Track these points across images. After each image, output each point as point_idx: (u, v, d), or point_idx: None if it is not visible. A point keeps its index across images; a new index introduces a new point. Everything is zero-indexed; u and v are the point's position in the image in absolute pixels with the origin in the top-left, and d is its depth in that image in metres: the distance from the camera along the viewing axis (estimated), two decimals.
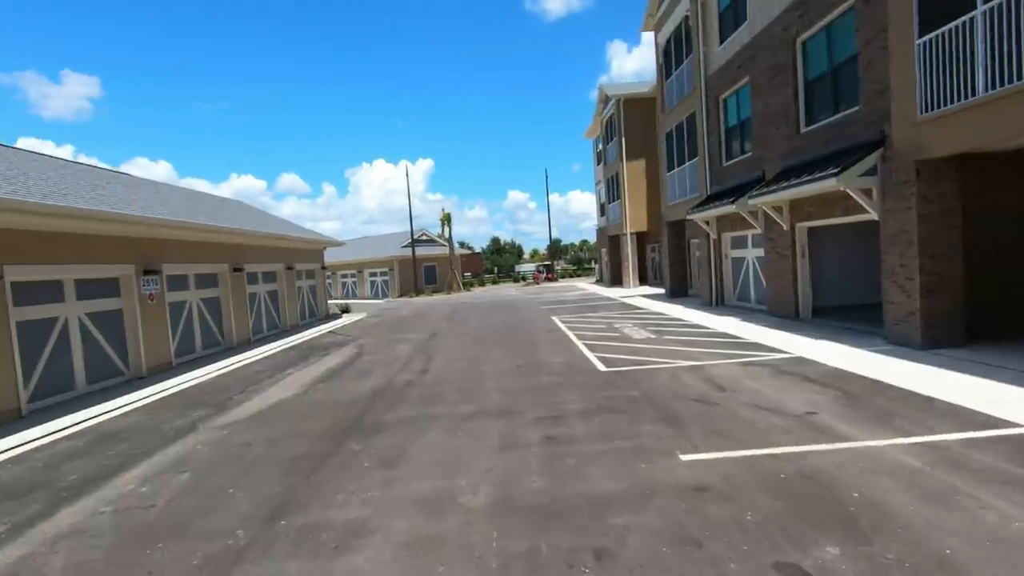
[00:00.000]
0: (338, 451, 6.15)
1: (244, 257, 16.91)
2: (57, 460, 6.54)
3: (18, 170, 10.74)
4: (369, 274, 44.89)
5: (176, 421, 7.98)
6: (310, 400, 8.75)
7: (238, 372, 11.96)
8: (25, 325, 9.12)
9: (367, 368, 11.27)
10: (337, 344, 15.49)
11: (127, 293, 11.67)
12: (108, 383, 10.97)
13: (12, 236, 8.83)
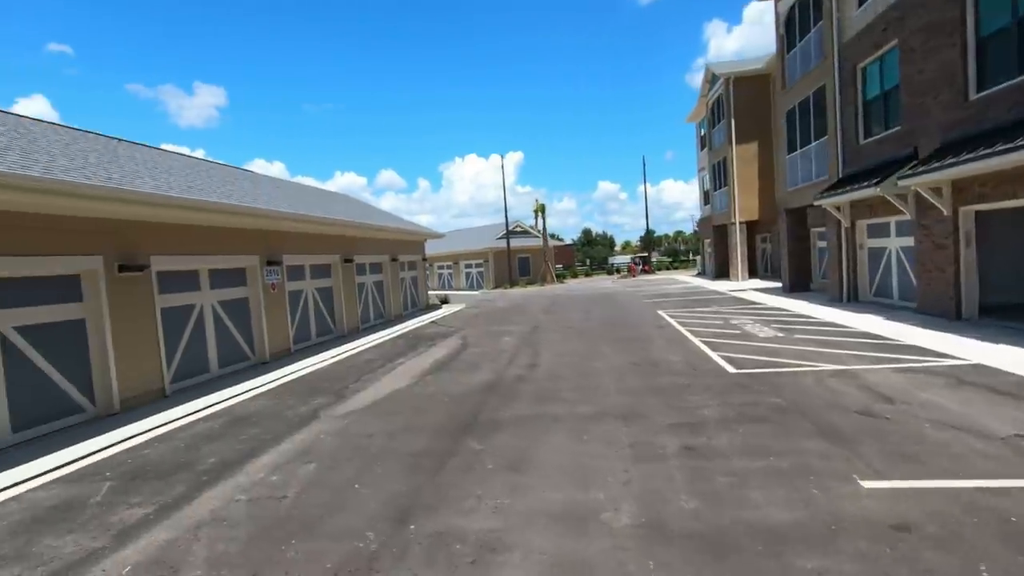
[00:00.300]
0: (458, 449, 5.89)
1: (354, 248, 17.50)
2: (197, 441, 6.85)
3: (162, 168, 11.63)
4: (464, 266, 45.67)
5: (299, 408, 8.17)
6: (423, 392, 8.66)
7: (350, 360, 12.28)
8: (168, 311, 9.81)
9: (474, 361, 11.11)
10: (441, 335, 15.59)
11: (253, 283, 12.34)
12: (236, 367, 11.66)
13: (157, 229, 9.49)
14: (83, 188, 7.50)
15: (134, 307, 8.94)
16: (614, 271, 60.36)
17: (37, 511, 5.01)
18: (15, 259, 7.21)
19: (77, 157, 9.08)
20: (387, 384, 9.43)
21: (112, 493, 5.30)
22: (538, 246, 44.92)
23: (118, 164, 9.99)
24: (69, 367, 7.95)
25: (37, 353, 7.53)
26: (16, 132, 9.09)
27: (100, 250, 8.39)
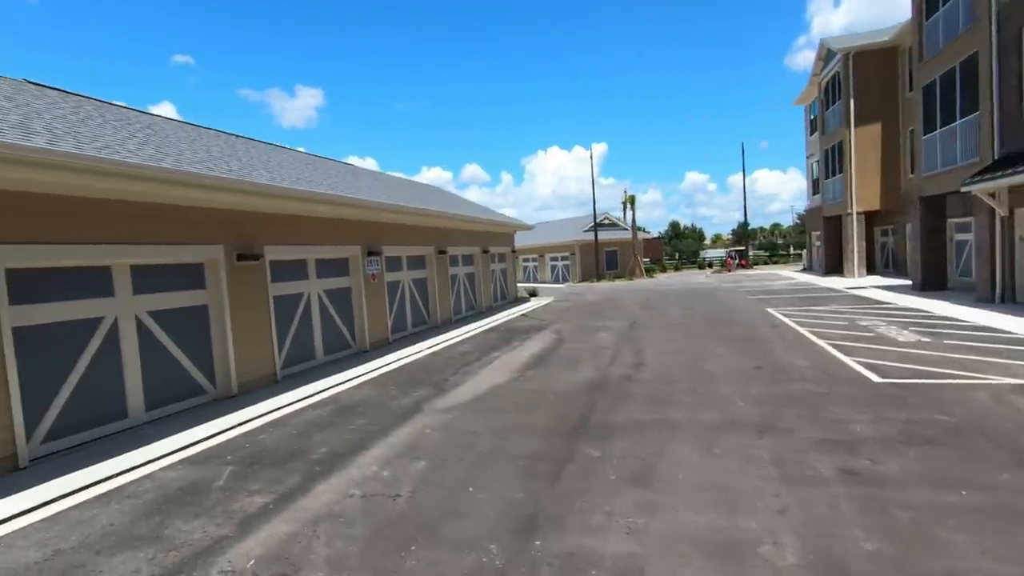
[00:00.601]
0: (573, 455, 5.45)
1: (447, 240, 17.58)
2: (308, 429, 6.92)
3: (275, 162, 12.11)
4: (550, 259, 45.25)
5: (402, 399, 8.11)
6: (525, 388, 8.32)
7: (446, 352, 12.23)
8: (279, 299, 10.16)
9: (573, 356, 10.64)
10: (534, 328, 15.25)
11: (355, 273, 12.60)
12: (339, 355, 11.96)
13: (271, 220, 9.82)
14: (209, 179, 7.81)
15: (250, 295, 9.29)
16: (706, 265, 57.45)
17: (168, 491, 5.16)
18: (151, 247, 7.63)
19: (201, 151, 9.56)
20: (486, 378, 9.19)
21: (233, 478, 5.37)
22: (626, 239, 43.57)
23: (237, 158, 10.46)
24: (193, 351, 8.36)
25: (167, 337, 7.96)
26: (150, 129, 9.72)
27: (221, 240, 8.76)
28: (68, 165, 6.07)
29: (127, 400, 7.37)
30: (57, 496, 5.16)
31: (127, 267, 7.46)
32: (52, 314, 6.54)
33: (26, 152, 5.64)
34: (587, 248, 41.88)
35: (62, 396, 6.61)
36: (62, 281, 6.68)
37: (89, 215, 6.84)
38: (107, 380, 7.14)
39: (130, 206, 7.33)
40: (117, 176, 6.69)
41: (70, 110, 8.44)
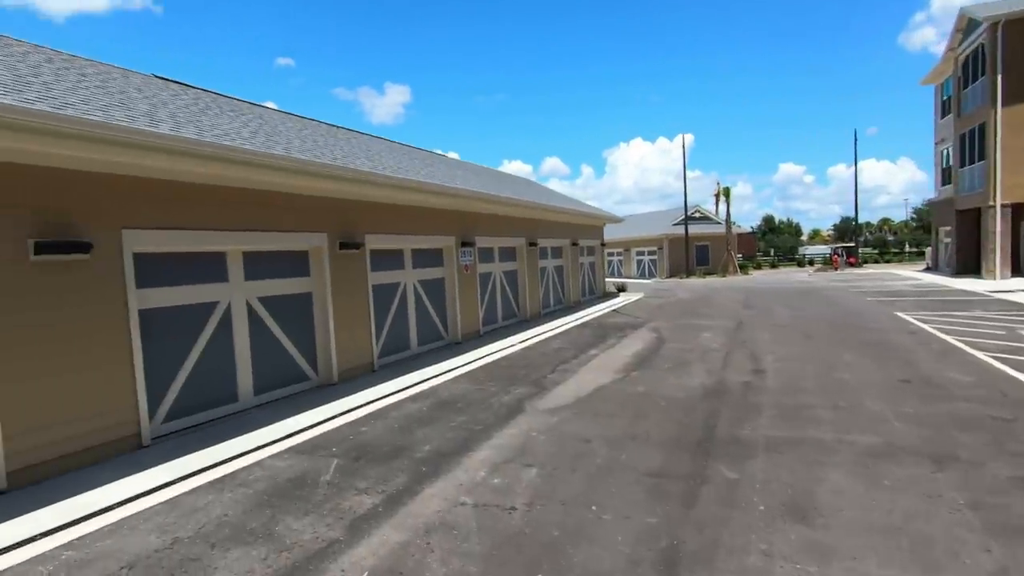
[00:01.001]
0: (706, 474, 4.79)
1: (538, 232, 17.13)
2: (409, 423, 6.70)
3: (374, 151, 12.18)
4: (636, 253, 43.73)
5: (502, 396, 7.74)
6: (632, 392, 7.68)
7: (540, 347, 11.79)
8: (377, 288, 10.14)
9: (680, 358, 9.83)
10: (629, 326, 14.48)
11: (449, 263, 12.45)
12: (432, 346, 11.86)
13: (371, 208, 9.79)
14: (315, 166, 7.81)
15: (351, 283, 9.31)
16: (806, 262, 53.34)
17: (277, 481, 5.07)
18: (261, 234, 7.74)
19: (308, 140, 9.68)
20: (588, 378, 8.63)
21: (340, 473, 5.20)
22: (719, 233, 41.21)
23: (339, 147, 10.54)
24: (298, 337, 8.45)
25: (274, 323, 8.08)
26: (261, 119, 9.98)
27: (326, 228, 8.80)
28: (191, 151, 6.16)
29: (238, 384, 7.53)
30: (176, 478, 5.21)
31: (240, 253, 7.59)
32: (173, 298, 6.74)
33: (155, 139, 5.75)
34: (676, 242, 40.05)
35: (180, 377, 6.80)
36: (181, 266, 6.86)
37: (206, 202, 6.98)
38: (220, 363, 7.31)
39: (242, 193, 7.44)
40: (232, 163, 6.76)
41: (190, 101, 8.76)
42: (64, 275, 5.52)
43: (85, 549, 3.99)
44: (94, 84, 7.00)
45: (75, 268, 5.61)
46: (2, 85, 5.26)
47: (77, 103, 5.69)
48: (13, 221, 5.18)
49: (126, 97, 7.04)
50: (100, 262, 5.82)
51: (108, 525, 4.35)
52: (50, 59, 7.45)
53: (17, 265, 5.20)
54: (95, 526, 4.34)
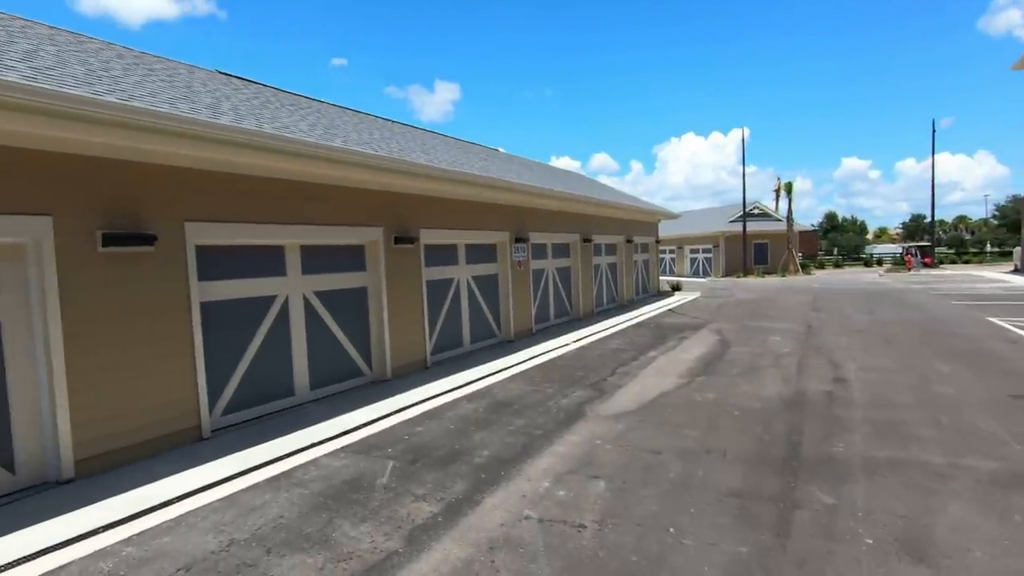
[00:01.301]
0: (797, 497, 4.29)
1: (592, 228, 16.64)
2: (465, 425, 6.44)
3: (429, 145, 12.03)
4: (690, 251, 42.31)
5: (560, 399, 7.38)
6: (701, 400, 7.16)
7: (596, 347, 11.35)
8: (431, 284, 9.97)
9: (748, 363, 9.18)
10: (688, 327, 13.81)
11: (502, 259, 12.18)
12: (485, 343, 11.62)
13: (426, 202, 9.62)
14: (374, 159, 7.66)
15: (405, 278, 9.17)
16: (874, 262, 50.32)
17: (333, 482, 4.90)
18: (319, 228, 7.66)
19: (364, 134, 9.59)
20: (651, 382, 8.15)
21: (396, 476, 4.98)
22: (779, 231, 39.28)
23: (395, 140, 10.42)
24: (353, 332, 8.36)
25: (330, 317, 8.00)
26: (319, 113, 9.97)
27: (381, 222, 8.68)
28: (252, 143, 6.09)
29: (294, 378, 7.48)
30: (233, 474, 5.13)
31: (297, 247, 7.54)
32: (233, 291, 6.72)
33: (216, 130, 5.70)
34: (733, 240, 38.48)
35: (239, 371, 6.79)
36: (241, 259, 6.83)
37: (265, 195, 6.94)
38: (278, 357, 7.27)
39: (301, 187, 7.37)
40: (292, 155, 6.67)
41: (251, 95, 8.80)
42: (130, 267, 5.54)
43: (144, 546, 3.90)
44: (161, 79, 7.07)
45: (140, 260, 5.63)
46: (74, 78, 5.30)
47: (144, 96, 5.70)
48: (83, 213, 5.22)
49: (190, 91, 7.07)
50: (164, 254, 5.83)
51: (167, 521, 4.27)
52: (120, 55, 7.60)
53: (86, 257, 5.23)
54: (155, 521, 4.28)
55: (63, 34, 7.34)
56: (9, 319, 4.89)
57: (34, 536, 4.06)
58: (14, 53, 5.31)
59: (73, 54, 6.35)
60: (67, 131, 4.85)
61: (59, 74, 5.20)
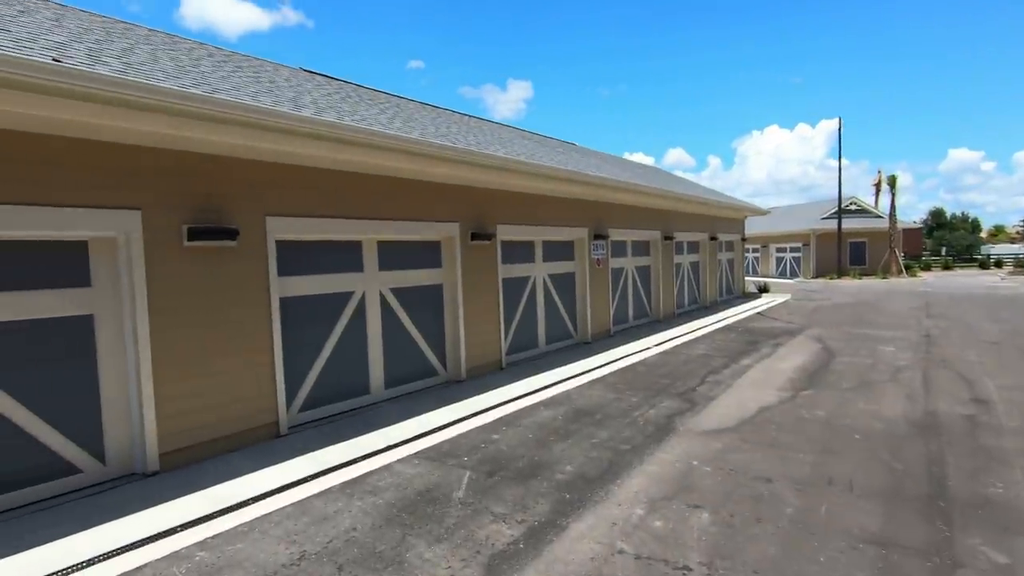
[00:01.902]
0: (954, 550, 3.50)
1: (674, 224, 15.71)
2: (544, 434, 6.01)
3: (505, 139, 11.68)
4: (776, 249, 39.63)
5: (647, 409, 6.78)
6: (811, 417, 6.33)
7: (679, 352, 10.58)
8: (507, 282, 9.62)
9: (861, 376, 8.14)
10: (783, 332, 12.66)
11: (580, 257, 11.64)
12: (560, 345, 11.14)
13: (503, 197, 9.27)
14: (452, 151, 7.37)
15: (481, 275, 8.86)
16: (991, 264, 45.08)
17: (406, 492, 4.61)
18: (396, 223, 7.48)
19: (442, 127, 9.37)
20: (748, 395, 7.36)
21: (473, 490, 4.62)
22: (878, 228, 35.96)
23: (472, 134, 10.14)
24: (427, 330, 8.15)
25: (405, 315, 7.83)
26: (397, 108, 9.86)
27: (458, 217, 8.41)
28: (332, 135, 5.94)
29: (370, 376, 7.35)
30: (308, 475, 4.98)
31: (375, 243, 7.40)
32: (311, 287, 6.65)
33: (298, 122, 5.58)
34: (825, 238, 35.63)
35: (316, 367, 6.72)
36: (319, 255, 6.75)
37: (344, 189, 6.82)
38: (354, 354, 7.16)
39: (379, 181, 7.22)
40: (372, 148, 6.48)
41: (332, 91, 8.79)
42: (213, 261, 5.54)
43: (217, 552, 3.76)
44: (247, 75, 7.13)
45: (223, 255, 5.62)
46: (164, 72, 5.33)
47: (228, 89, 5.68)
48: (169, 207, 5.24)
49: (274, 86, 7.08)
50: (246, 249, 5.80)
51: (242, 525, 4.14)
52: (211, 54, 7.76)
53: (173, 251, 5.26)
54: (230, 524, 4.15)
55: (159, 35, 7.58)
56: (101, 312, 4.97)
57: (113, 532, 4.04)
58: (111, 51, 5.43)
59: (165, 52, 6.48)
60: (154, 125, 4.84)
61: (150, 69, 5.24)
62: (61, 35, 5.32)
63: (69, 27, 5.84)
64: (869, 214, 38.19)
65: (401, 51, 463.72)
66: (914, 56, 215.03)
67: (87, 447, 4.89)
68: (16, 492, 4.46)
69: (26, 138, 4.44)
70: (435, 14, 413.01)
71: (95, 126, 4.68)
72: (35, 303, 4.60)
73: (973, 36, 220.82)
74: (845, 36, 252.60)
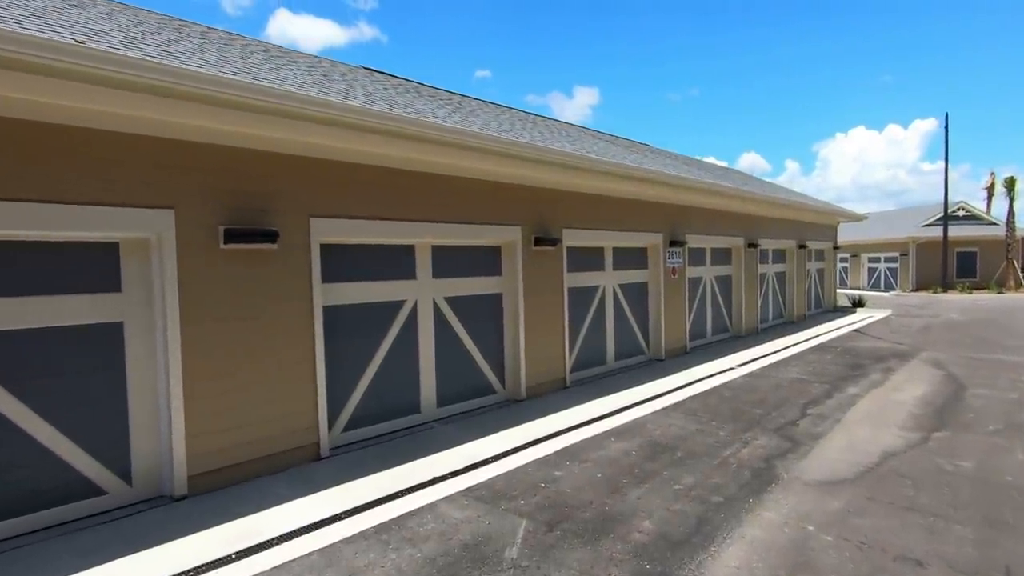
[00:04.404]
0: None
1: (758, 231, 14.25)
2: (616, 474, 5.10)
3: (573, 137, 10.86)
4: (868, 259, 36.20)
5: (738, 447, 5.71)
6: (954, 470, 5.04)
7: (769, 374, 9.29)
8: (573, 292, 8.76)
9: (1007, 415, 6.64)
10: (891, 354, 11.00)
11: (654, 265, 10.59)
12: (630, 361, 10.13)
13: (569, 199, 8.45)
14: (517, 146, 6.66)
15: (545, 284, 8.07)
16: None
17: (450, 544, 3.87)
18: (451, 226, 6.83)
19: (504, 123, 8.68)
20: (862, 434, 6.11)
21: (529, 547, 3.81)
22: (992, 237, 32.04)
23: (537, 131, 9.39)
24: (484, 343, 7.45)
25: (460, 326, 7.15)
26: (459, 104, 9.28)
27: (520, 220, 7.67)
28: (383, 128, 5.37)
29: (420, 392, 6.72)
30: (342, 511, 4.36)
31: (428, 247, 6.78)
32: (359, 295, 6.11)
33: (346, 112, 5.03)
34: (926, 248, 32.17)
35: (363, 383, 6.16)
36: (368, 260, 6.20)
37: (396, 188, 6.23)
38: (403, 369, 6.55)
39: (434, 180, 6.59)
40: (425, 142, 5.87)
41: (390, 86, 8.31)
42: (251, 266, 5.08)
43: None
44: (300, 68, 6.73)
45: (262, 258, 5.15)
46: (204, 62, 4.93)
47: (274, 79, 5.22)
48: (205, 206, 4.81)
49: (326, 79, 6.63)
50: (287, 252, 5.31)
51: (265, 572, 3.53)
52: (267, 50, 7.46)
53: (208, 253, 4.82)
54: (254, 568, 3.57)
55: (216, 32, 7.35)
56: (131, 319, 4.59)
57: (127, 568, 3.55)
58: (153, 41, 5.09)
59: (214, 44, 6.16)
60: (188, 116, 4.44)
61: (189, 59, 4.85)
62: (106, 25, 5.03)
63: (120, 20, 5.59)
64: (981, 221, 34.19)
65: (469, 61, 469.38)
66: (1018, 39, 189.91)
67: (113, 467, 4.50)
68: (34, 515, 4.11)
69: (51, 130, 4.09)
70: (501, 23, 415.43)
71: (126, 117, 4.30)
72: (62, 308, 4.28)
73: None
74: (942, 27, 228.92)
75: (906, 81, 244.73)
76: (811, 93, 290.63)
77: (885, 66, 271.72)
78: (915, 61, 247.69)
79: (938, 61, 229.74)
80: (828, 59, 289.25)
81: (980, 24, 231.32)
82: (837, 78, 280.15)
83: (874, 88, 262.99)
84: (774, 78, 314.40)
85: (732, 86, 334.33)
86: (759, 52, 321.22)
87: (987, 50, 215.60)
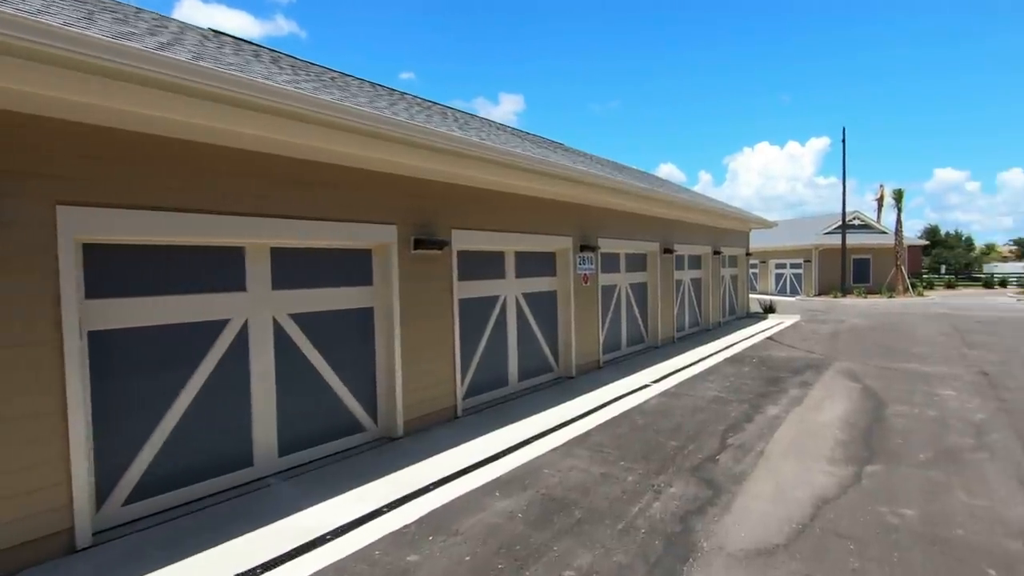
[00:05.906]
0: None
1: (674, 235, 13.66)
2: (489, 554, 3.81)
3: (486, 132, 9.57)
4: (775, 266, 37.71)
5: (649, 499, 4.61)
6: (899, 523, 4.17)
7: (686, 393, 8.44)
8: (466, 304, 7.45)
9: (934, 438, 6.03)
10: (806, 365, 10.57)
11: (563, 272, 9.43)
12: (536, 381, 8.93)
13: (459, 195, 7.14)
14: (385, 125, 5.23)
15: (429, 295, 6.68)
16: (995, 283, 43.54)
17: None
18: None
19: (402, 112, 7.23)
20: (789, 472, 5.21)
21: None
22: (883, 245, 34.28)
23: (436, 119, 8.01)
24: (349, 370, 5.96)
25: (314, 350, 5.62)
26: (343, 85, 7.72)
27: (396, 218, 6.24)
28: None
29: (253, 439, 5.14)
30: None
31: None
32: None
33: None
34: (828, 254, 33.89)
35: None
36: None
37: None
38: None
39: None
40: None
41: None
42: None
43: None
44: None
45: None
46: None
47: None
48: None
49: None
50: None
51: None
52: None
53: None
54: None
55: None
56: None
57: None
58: None
59: None
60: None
61: None
62: None
63: None
64: (873, 229, 36.57)
65: (392, 63, 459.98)
66: (900, 77, 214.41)
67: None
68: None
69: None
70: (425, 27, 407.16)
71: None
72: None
73: (958, 60, 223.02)
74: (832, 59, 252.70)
75: (801, 103, 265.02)
76: (722, 110, 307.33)
77: (785, 86, 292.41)
78: (809, 85, 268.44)
79: (828, 87, 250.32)
80: (738, 80, 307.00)
81: (863, 55, 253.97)
82: (745, 97, 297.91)
83: (776, 108, 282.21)
84: (689, 96, 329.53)
85: (650, 102, 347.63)
86: (677, 74, 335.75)
87: (870, 79, 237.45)
